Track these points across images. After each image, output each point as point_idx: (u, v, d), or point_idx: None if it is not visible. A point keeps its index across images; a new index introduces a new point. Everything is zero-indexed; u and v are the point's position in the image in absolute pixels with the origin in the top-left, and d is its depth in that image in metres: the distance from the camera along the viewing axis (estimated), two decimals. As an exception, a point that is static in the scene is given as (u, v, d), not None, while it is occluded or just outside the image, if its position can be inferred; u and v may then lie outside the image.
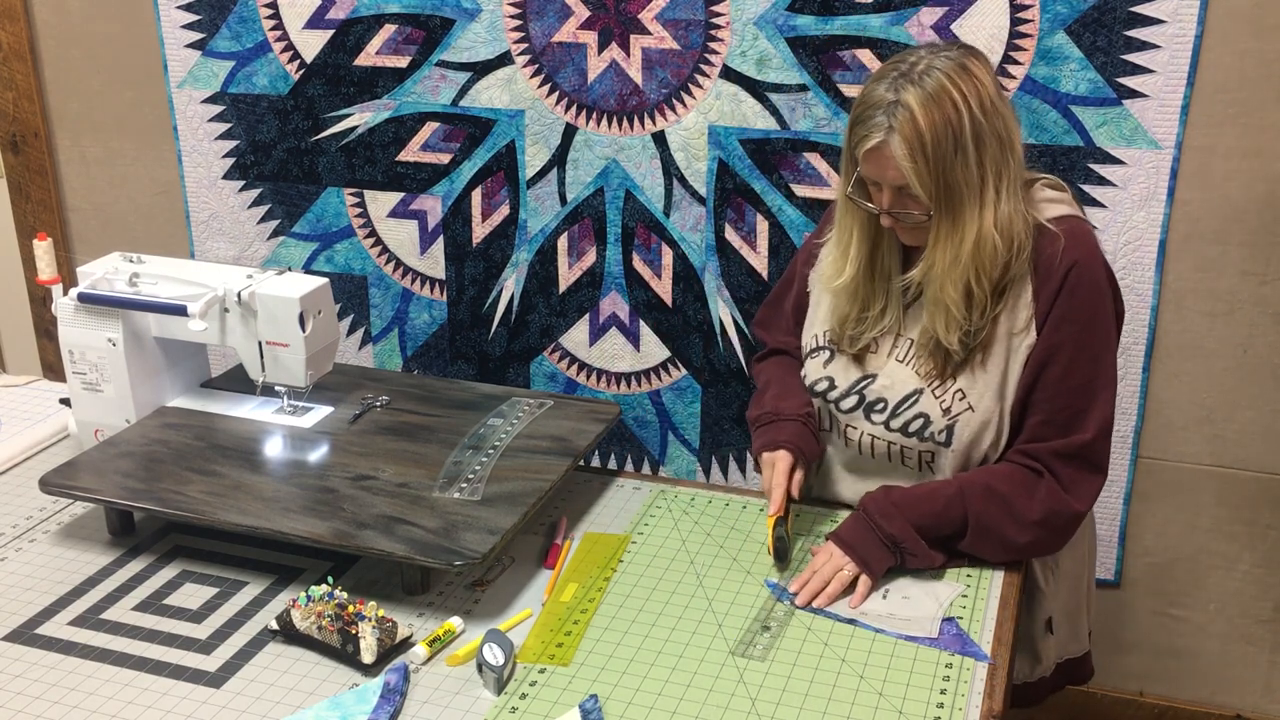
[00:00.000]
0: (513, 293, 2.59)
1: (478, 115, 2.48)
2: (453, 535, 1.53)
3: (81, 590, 1.59)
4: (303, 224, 2.70)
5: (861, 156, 1.57)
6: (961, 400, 1.62)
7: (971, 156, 1.53)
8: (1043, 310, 1.59)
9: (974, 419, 1.62)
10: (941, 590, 1.56)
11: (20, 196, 2.94)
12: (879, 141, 1.53)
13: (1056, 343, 1.59)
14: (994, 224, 1.56)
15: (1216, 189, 2.09)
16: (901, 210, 1.58)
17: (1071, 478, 1.60)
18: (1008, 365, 1.61)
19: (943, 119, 1.51)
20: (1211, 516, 2.28)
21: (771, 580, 1.59)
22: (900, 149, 1.52)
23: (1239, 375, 2.18)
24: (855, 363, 1.72)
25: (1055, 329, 1.59)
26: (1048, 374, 1.59)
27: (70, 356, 1.87)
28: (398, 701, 1.35)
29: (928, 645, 1.45)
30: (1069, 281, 1.58)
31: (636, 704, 1.35)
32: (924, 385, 1.65)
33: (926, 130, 1.50)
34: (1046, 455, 1.60)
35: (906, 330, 1.69)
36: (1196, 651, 2.38)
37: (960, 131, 1.51)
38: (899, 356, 1.69)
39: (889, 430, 1.68)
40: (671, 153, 2.38)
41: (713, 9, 2.25)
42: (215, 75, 2.65)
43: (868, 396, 1.70)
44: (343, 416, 1.89)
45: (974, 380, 1.62)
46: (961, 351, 1.62)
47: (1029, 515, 1.58)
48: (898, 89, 1.52)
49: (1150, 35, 2.03)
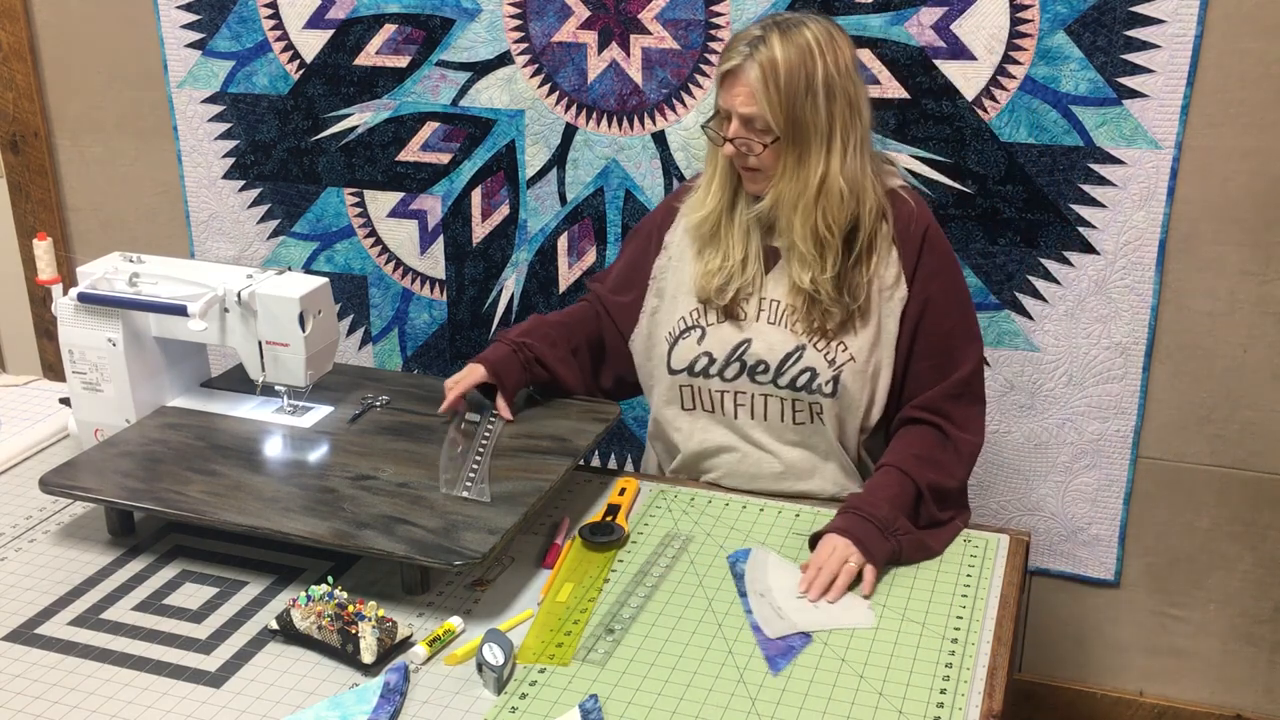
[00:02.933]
0: (513, 292, 2.59)
1: (478, 115, 2.48)
2: (453, 535, 1.53)
3: (81, 590, 1.59)
4: (303, 224, 2.70)
5: (718, 81, 1.70)
6: (844, 351, 1.74)
7: (821, 103, 1.66)
8: (909, 266, 1.74)
9: (855, 368, 1.73)
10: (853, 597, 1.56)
11: (20, 196, 2.94)
12: (735, 65, 1.66)
13: (929, 294, 1.74)
14: (840, 172, 1.68)
15: (1216, 189, 2.09)
16: (745, 139, 1.69)
17: (962, 414, 1.75)
18: (881, 319, 1.74)
19: (799, 60, 1.64)
20: (1211, 516, 2.28)
21: (737, 552, 1.60)
22: (754, 74, 1.65)
23: (1239, 375, 2.18)
24: (729, 331, 1.79)
25: (926, 283, 1.74)
26: (925, 323, 1.74)
27: (70, 356, 1.87)
28: (398, 701, 1.35)
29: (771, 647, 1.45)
30: (928, 239, 1.75)
31: (636, 704, 1.35)
32: (805, 341, 1.75)
33: (782, 64, 1.64)
34: (937, 399, 1.75)
35: (770, 293, 1.78)
36: (1196, 651, 2.38)
37: (813, 76, 1.65)
38: (769, 320, 1.77)
39: (778, 388, 1.77)
40: (671, 153, 2.38)
41: (713, 9, 2.26)
42: (215, 75, 2.65)
43: (748, 361, 1.78)
44: (343, 416, 1.89)
45: (854, 334, 1.73)
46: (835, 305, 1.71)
47: (958, 460, 1.73)
48: (765, 30, 1.67)
49: (1150, 35, 2.03)
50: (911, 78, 2.18)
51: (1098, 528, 2.34)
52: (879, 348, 1.75)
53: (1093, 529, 2.34)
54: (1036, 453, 2.32)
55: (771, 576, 1.58)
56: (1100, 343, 2.22)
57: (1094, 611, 2.41)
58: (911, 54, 2.17)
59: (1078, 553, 2.37)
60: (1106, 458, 2.29)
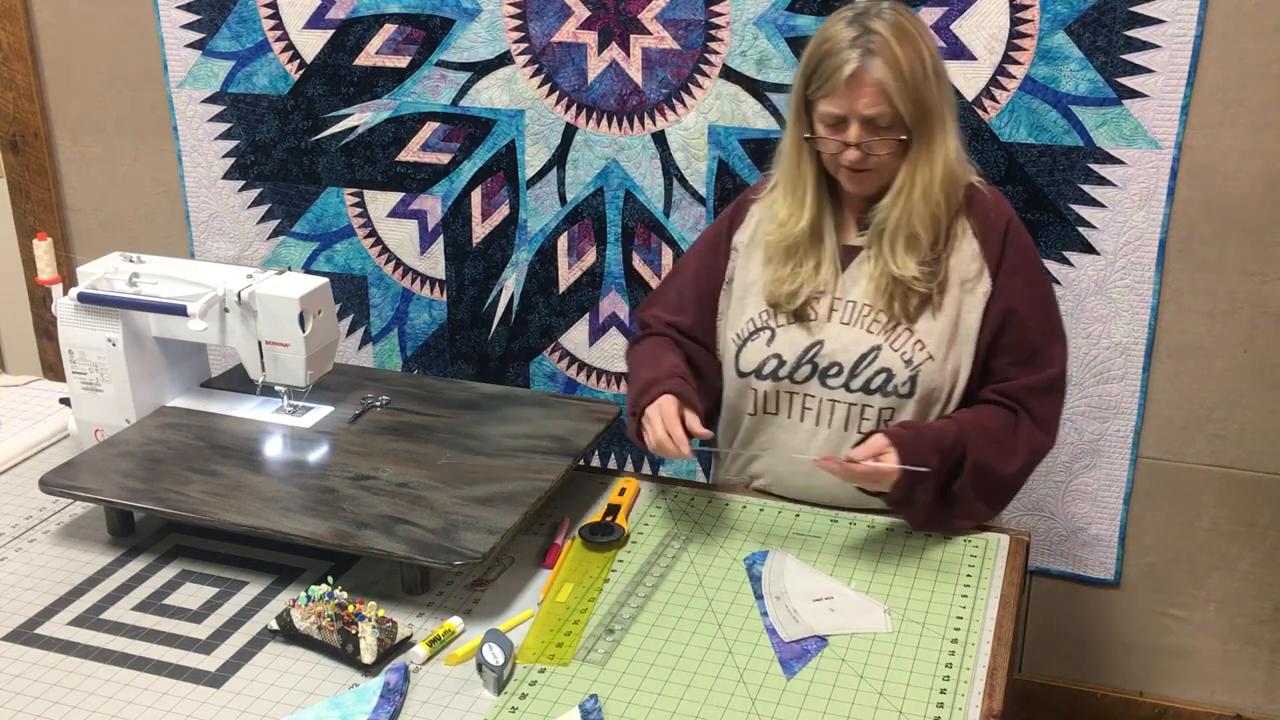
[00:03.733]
0: (513, 293, 2.59)
1: (478, 115, 2.48)
2: (453, 535, 1.53)
3: (81, 590, 1.59)
4: (303, 224, 2.70)
5: (838, 89, 1.62)
6: (922, 350, 1.69)
7: (934, 83, 1.63)
8: (993, 260, 1.70)
9: (933, 367, 1.68)
10: (869, 601, 1.56)
11: (20, 196, 2.94)
12: (857, 68, 1.60)
13: (1015, 288, 1.70)
14: (955, 154, 1.67)
15: (1216, 189, 2.09)
16: (871, 140, 1.63)
17: (1044, 411, 1.71)
18: (960, 313, 1.70)
19: (912, 45, 1.61)
20: (1211, 516, 2.28)
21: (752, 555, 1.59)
22: (883, 70, 1.59)
23: (1239, 375, 2.18)
24: (799, 333, 1.74)
25: (1010, 277, 1.70)
26: (1012, 318, 1.70)
27: (70, 356, 1.87)
28: (398, 701, 1.35)
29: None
30: (1010, 234, 1.71)
31: (636, 704, 1.35)
32: (880, 341, 1.70)
33: (901, 53, 1.60)
34: (1020, 392, 1.70)
35: (846, 294, 1.73)
36: (1196, 651, 2.38)
37: (924, 58, 1.62)
38: (843, 320, 1.73)
39: (849, 391, 1.71)
40: (671, 153, 2.38)
41: (713, 9, 2.26)
42: (215, 75, 2.65)
43: (820, 363, 1.73)
44: (343, 416, 1.89)
45: (931, 328, 1.69)
46: (924, 285, 1.67)
47: (1016, 450, 1.68)
48: (863, 23, 1.62)
49: (1150, 35, 2.03)
50: (911, 78, 2.18)
51: (1098, 528, 2.34)
52: (957, 343, 1.70)
53: (1093, 529, 2.34)
54: (1036, 453, 2.32)
55: (788, 579, 1.58)
56: (1100, 343, 2.22)
57: (1094, 611, 2.41)
58: (911, 54, 2.17)
59: (1078, 553, 2.37)
60: (1106, 458, 2.29)
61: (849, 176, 1.69)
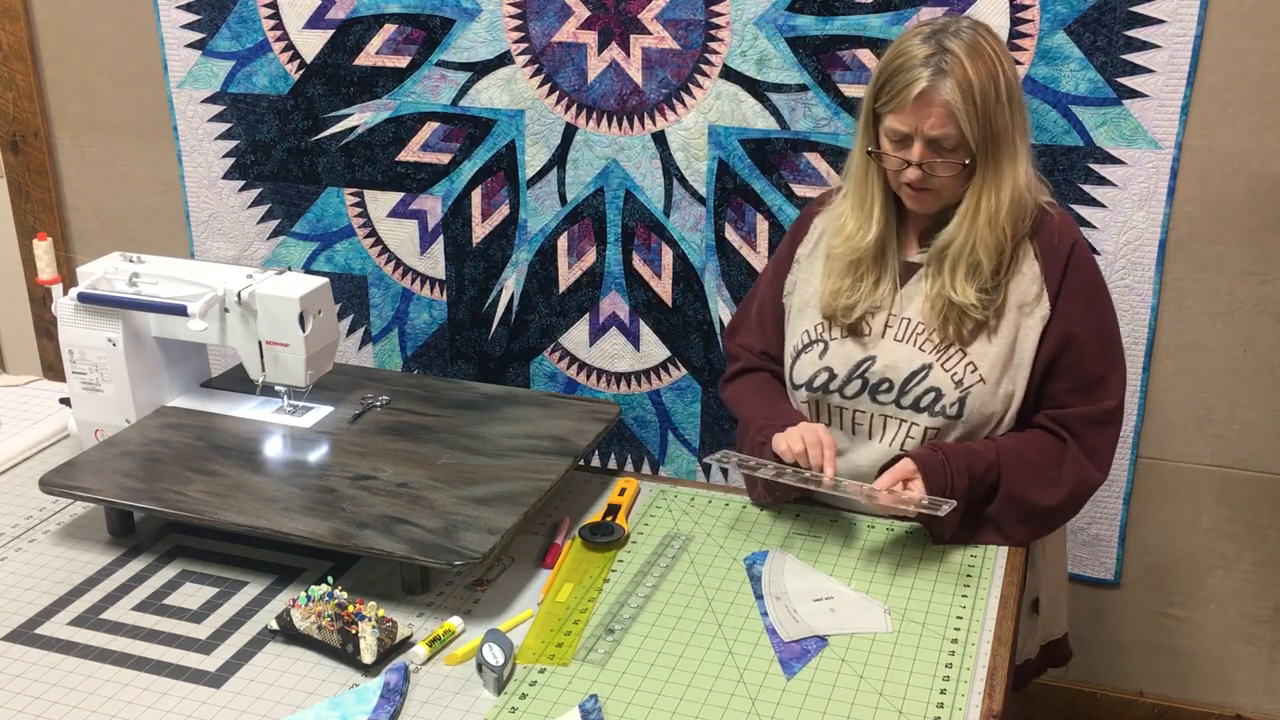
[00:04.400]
0: (513, 293, 2.59)
1: (478, 115, 2.48)
2: (453, 535, 1.53)
3: (81, 590, 1.59)
4: (303, 224, 2.70)
5: (906, 106, 1.59)
6: (973, 372, 1.65)
7: (1006, 109, 1.59)
8: (1053, 284, 1.65)
9: (984, 390, 1.65)
10: (869, 601, 1.56)
11: (20, 196, 2.94)
12: (927, 87, 1.56)
13: (1074, 313, 1.65)
14: (1025, 181, 1.63)
15: (1216, 189, 2.09)
16: (933, 161, 1.61)
17: (1096, 443, 1.65)
18: (1017, 337, 1.66)
19: (986, 68, 1.57)
20: (1211, 516, 2.28)
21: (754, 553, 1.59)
22: (953, 92, 1.56)
23: (1239, 375, 2.18)
24: (852, 348, 1.72)
25: (1071, 301, 1.65)
26: (1072, 344, 1.65)
27: (70, 356, 1.87)
28: (398, 701, 1.35)
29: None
30: (1074, 257, 1.65)
31: (636, 704, 1.35)
32: (932, 360, 1.67)
33: (974, 75, 1.55)
34: (1075, 421, 1.65)
35: (901, 310, 1.71)
36: (1196, 651, 2.38)
37: (998, 82, 1.58)
38: (896, 336, 1.70)
39: (899, 409, 1.69)
40: (671, 153, 2.38)
41: (713, 9, 2.25)
42: (215, 75, 2.65)
43: (870, 379, 1.70)
44: (343, 416, 1.89)
45: (984, 351, 1.65)
46: (980, 312, 1.64)
47: (1059, 482, 1.63)
48: (939, 41, 1.58)
49: (1150, 35, 2.03)
50: (911, 78, 2.18)
51: (1098, 528, 2.34)
52: (1012, 368, 1.66)
53: (1093, 529, 2.34)
54: (1036, 453, 2.32)
55: (788, 579, 1.58)
56: (1100, 343, 2.22)
57: (1094, 611, 2.41)
58: (911, 54, 2.16)
59: (1078, 553, 2.37)
60: (1106, 458, 2.29)
61: (909, 195, 1.66)
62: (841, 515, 1.74)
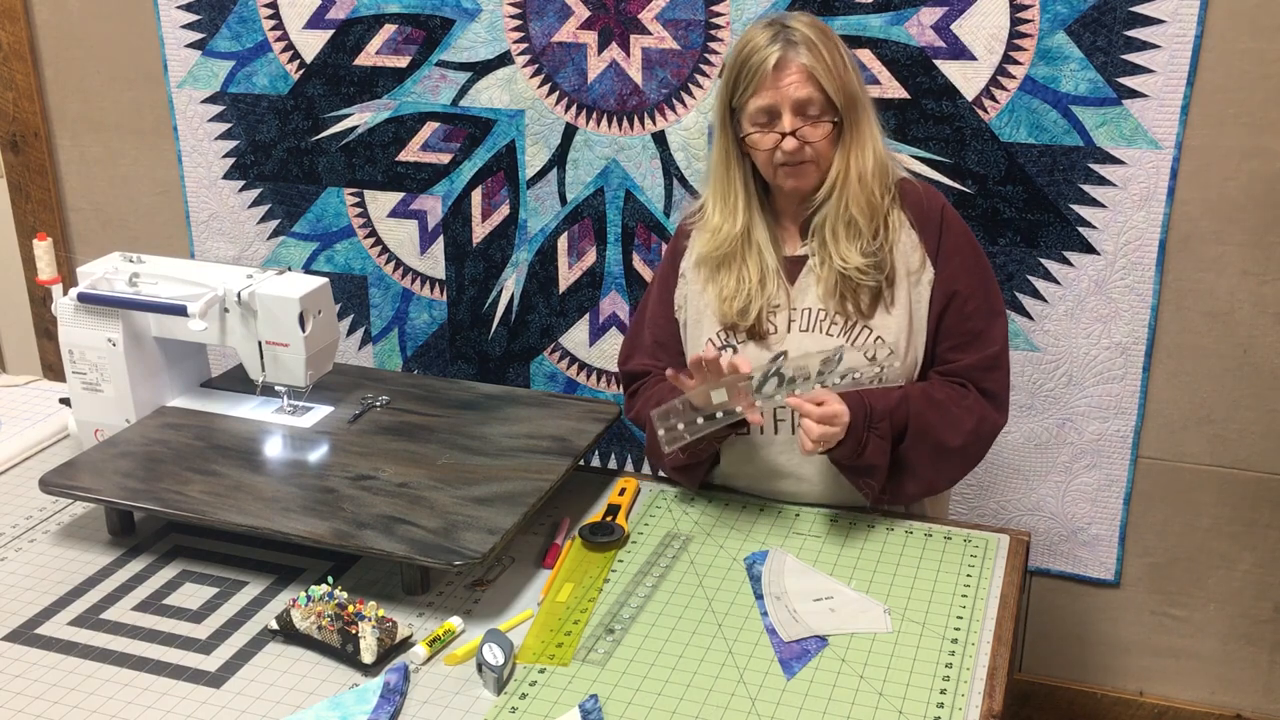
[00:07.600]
0: (513, 293, 2.59)
1: (478, 115, 2.48)
2: (453, 535, 1.53)
3: (81, 590, 1.59)
4: (303, 224, 2.70)
5: (765, 79, 1.65)
6: (882, 345, 1.70)
7: (854, 75, 1.69)
8: (931, 247, 1.73)
9: (896, 360, 1.69)
10: (869, 601, 1.56)
11: (20, 196, 2.94)
12: (780, 57, 1.65)
13: (954, 272, 1.73)
14: (881, 144, 1.72)
15: (1216, 189, 2.09)
16: (805, 128, 1.66)
17: (991, 386, 1.73)
18: (912, 304, 1.72)
19: (828, 36, 1.68)
20: (1211, 516, 2.28)
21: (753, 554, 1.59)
22: (806, 55, 1.65)
23: (1239, 375, 2.18)
24: (758, 349, 1.74)
25: (949, 260, 1.73)
26: (955, 302, 1.73)
27: (70, 356, 1.87)
28: (398, 701, 1.35)
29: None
30: (946, 219, 1.74)
31: (636, 704, 1.35)
32: (841, 341, 1.71)
33: (819, 41, 1.66)
34: (966, 371, 1.73)
35: (800, 303, 1.74)
36: (1196, 651, 2.38)
37: (841, 49, 1.69)
38: (801, 328, 1.74)
39: None
40: (671, 153, 2.38)
41: (713, 9, 2.25)
42: (215, 75, 2.65)
43: (786, 373, 1.71)
44: (343, 416, 1.89)
45: (886, 323, 1.71)
46: (872, 278, 1.69)
47: (964, 421, 1.70)
48: (780, 22, 1.67)
49: (1150, 35, 2.03)
50: (912, 78, 2.18)
51: (1098, 528, 2.34)
52: (914, 334, 1.73)
53: (1093, 529, 2.34)
54: (1036, 453, 2.32)
55: (788, 579, 1.58)
56: (1100, 343, 2.22)
57: (1094, 611, 2.41)
58: (911, 54, 2.17)
59: (1078, 553, 2.37)
60: (1106, 458, 2.29)
61: (788, 173, 1.70)
62: (841, 515, 1.74)
